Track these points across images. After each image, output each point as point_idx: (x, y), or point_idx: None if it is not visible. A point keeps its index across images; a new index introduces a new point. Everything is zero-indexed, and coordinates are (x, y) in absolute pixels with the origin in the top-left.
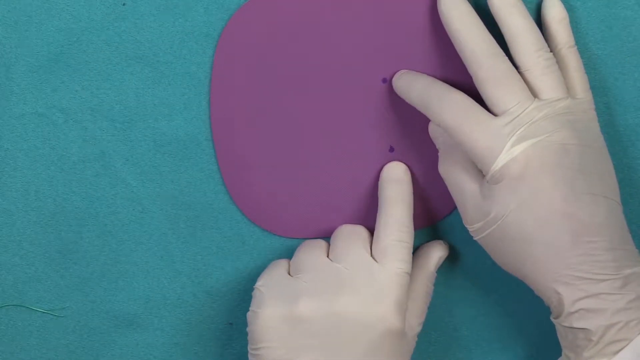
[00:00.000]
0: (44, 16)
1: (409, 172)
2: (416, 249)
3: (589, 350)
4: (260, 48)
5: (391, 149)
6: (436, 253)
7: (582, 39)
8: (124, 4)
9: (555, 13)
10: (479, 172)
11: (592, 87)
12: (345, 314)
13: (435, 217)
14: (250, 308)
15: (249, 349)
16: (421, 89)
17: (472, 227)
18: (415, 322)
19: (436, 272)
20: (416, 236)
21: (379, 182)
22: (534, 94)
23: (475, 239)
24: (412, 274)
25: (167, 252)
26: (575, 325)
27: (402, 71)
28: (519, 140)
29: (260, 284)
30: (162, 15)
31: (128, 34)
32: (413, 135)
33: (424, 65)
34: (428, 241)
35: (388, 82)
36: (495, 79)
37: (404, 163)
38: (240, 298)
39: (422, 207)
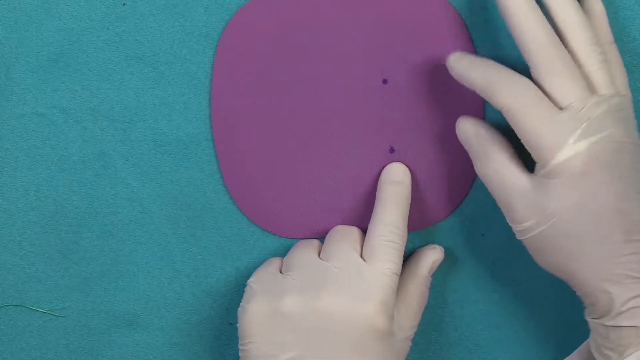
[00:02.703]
0: (44, 16)
1: (409, 174)
2: (412, 253)
3: (634, 347)
4: (260, 48)
5: (392, 150)
6: (430, 257)
7: None
8: (124, 4)
9: (595, 7)
10: (525, 169)
11: None
12: (329, 312)
13: (435, 218)
14: (240, 303)
15: (239, 345)
16: (485, 71)
17: (520, 226)
18: (407, 324)
19: (431, 275)
20: (416, 237)
21: (378, 183)
22: (588, 88)
23: (520, 238)
24: (405, 277)
25: (167, 252)
26: (624, 324)
27: (459, 52)
28: (582, 136)
29: (251, 280)
30: (162, 15)
31: (128, 34)
32: (414, 136)
33: (425, 66)
34: (425, 244)
35: (388, 82)
36: (558, 69)
37: (405, 165)
38: (240, 298)
39: (423, 208)
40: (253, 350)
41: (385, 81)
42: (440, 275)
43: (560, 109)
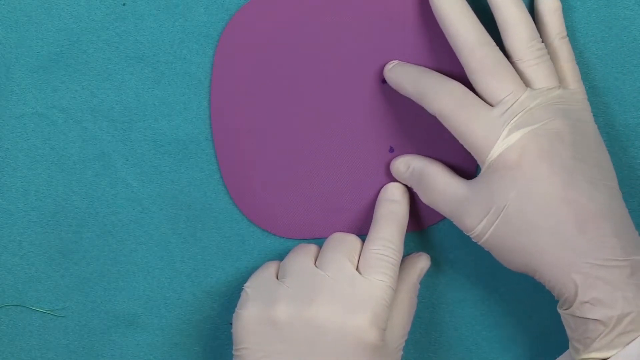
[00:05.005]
0: (44, 16)
1: (407, 194)
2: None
3: (599, 341)
4: (260, 48)
5: (391, 150)
6: (419, 264)
7: (582, 39)
8: (124, 4)
9: (549, 3)
10: (463, 180)
11: (592, 87)
12: (319, 322)
13: (436, 218)
14: (235, 309)
15: (233, 350)
16: (415, 79)
17: (474, 232)
18: (398, 334)
19: (419, 283)
20: (417, 238)
21: (376, 201)
22: (526, 83)
23: (479, 243)
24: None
25: (167, 252)
26: (587, 315)
27: (393, 62)
28: (514, 129)
29: (247, 284)
30: (162, 15)
31: (128, 34)
32: (413, 136)
33: (424, 65)
34: (421, 247)
35: (388, 82)
36: (488, 68)
37: (403, 184)
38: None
39: (423, 209)
40: (246, 357)
41: (385, 81)
42: (440, 276)
43: (493, 106)
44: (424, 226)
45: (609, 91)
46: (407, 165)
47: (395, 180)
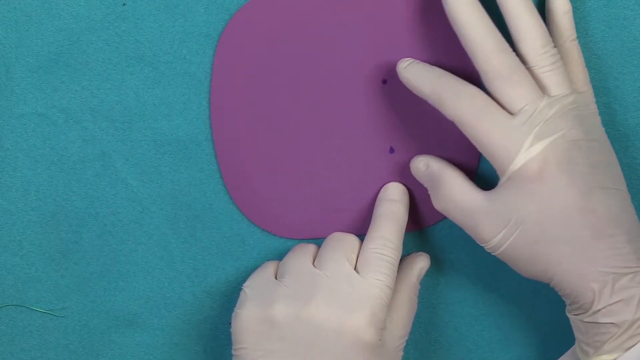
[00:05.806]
0: (44, 16)
1: (406, 194)
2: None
3: (610, 344)
4: (260, 48)
5: (391, 150)
6: (418, 264)
7: (583, 38)
8: (124, 4)
9: (560, 5)
10: (479, 189)
11: (592, 86)
12: (317, 322)
13: (436, 218)
14: (234, 308)
15: (232, 350)
16: (433, 82)
17: (490, 243)
18: (398, 333)
19: (419, 283)
20: (417, 238)
21: (376, 201)
22: (541, 89)
23: (494, 254)
24: (395, 287)
25: (167, 252)
26: (602, 320)
27: (408, 60)
28: (535, 140)
29: (246, 284)
30: (162, 15)
31: (128, 34)
32: (413, 136)
33: None
34: (418, 249)
35: (388, 82)
36: (506, 75)
37: (403, 184)
38: None
39: (423, 209)
40: (245, 356)
41: (385, 81)
42: (440, 276)
43: (513, 114)
44: (424, 226)
45: (609, 91)
46: (427, 164)
47: (396, 180)
